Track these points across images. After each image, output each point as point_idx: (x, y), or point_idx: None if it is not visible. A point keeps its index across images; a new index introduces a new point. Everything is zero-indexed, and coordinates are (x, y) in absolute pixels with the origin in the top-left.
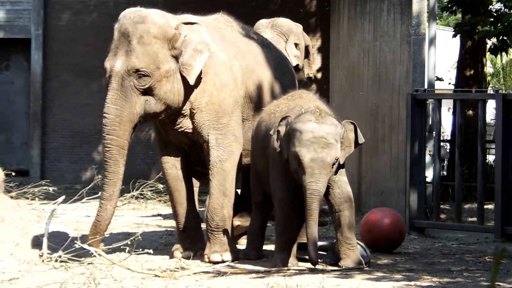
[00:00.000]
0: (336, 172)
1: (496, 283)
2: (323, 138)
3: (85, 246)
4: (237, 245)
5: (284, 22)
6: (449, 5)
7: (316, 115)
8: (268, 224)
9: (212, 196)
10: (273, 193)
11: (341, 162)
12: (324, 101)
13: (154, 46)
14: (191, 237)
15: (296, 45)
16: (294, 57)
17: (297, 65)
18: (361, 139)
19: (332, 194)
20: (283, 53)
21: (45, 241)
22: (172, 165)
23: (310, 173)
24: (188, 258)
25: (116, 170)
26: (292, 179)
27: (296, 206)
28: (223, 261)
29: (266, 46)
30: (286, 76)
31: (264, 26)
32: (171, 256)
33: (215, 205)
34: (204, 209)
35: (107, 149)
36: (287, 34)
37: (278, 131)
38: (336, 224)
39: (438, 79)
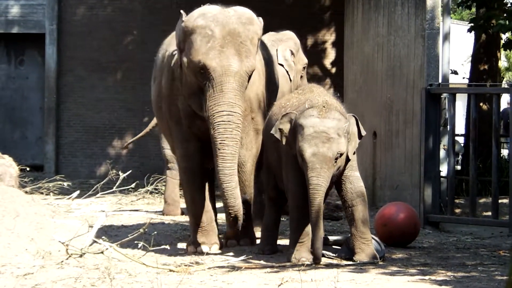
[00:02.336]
0: (345, 167)
1: None
2: (324, 133)
3: (101, 241)
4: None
5: (289, 33)
6: (464, 0)
7: (320, 109)
8: (283, 219)
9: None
10: (286, 188)
11: (350, 157)
12: (336, 95)
13: (256, 47)
14: (205, 231)
15: (292, 53)
16: (284, 59)
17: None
18: (363, 132)
19: (345, 190)
20: (271, 52)
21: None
22: (190, 158)
23: (311, 167)
24: (202, 252)
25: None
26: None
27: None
28: (239, 244)
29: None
30: (273, 73)
31: (270, 35)
32: (186, 251)
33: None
34: None
35: (233, 146)
36: (285, 41)
37: (281, 129)
38: (350, 219)
39: (453, 72)
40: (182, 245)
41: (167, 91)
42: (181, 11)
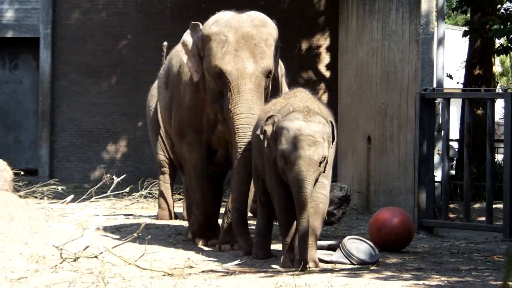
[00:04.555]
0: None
1: (510, 283)
2: (310, 136)
3: (95, 245)
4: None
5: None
6: (459, 5)
7: (304, 113)
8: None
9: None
10: (270, 193)
11: (329, 162)
12: (317, 98)
13: (273, 49)
14: (212, 225)
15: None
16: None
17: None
18: (335, 137)
19: None
20: None
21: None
22: (202, 158)
23: (297, 170)
24: (213, 245)
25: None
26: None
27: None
28: (233, 249)
29: None
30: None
31: None
32: (194, 243)
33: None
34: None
35: (244, 148)
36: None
37: (265, 131)
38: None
39: (448, 75)
40: (176, 249)
41: (191, 102)
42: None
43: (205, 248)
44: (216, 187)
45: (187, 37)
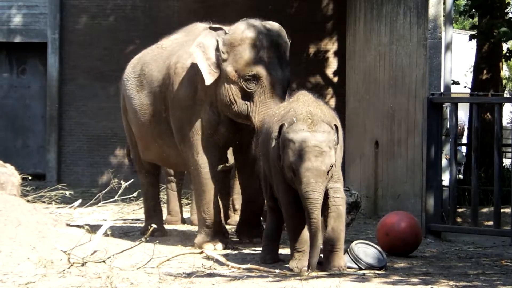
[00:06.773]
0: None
1: None
2: (317, 147)
3: (103, 249)
4: None
5: None
6: (467, 9)
7: (308, 122)
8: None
9: None
10: (278, 198)
11: (337, 166)
12: (324, 103)
13: None
14: (219, 230)
15: None
16: None
17: None
18: (341, 140)
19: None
20: None
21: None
22: (211, 165)
23: (306, 182)
24: (222, 249)
25: None
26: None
27: (302, 209)
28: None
29: None
30: None
31: None
32: (201, 249)
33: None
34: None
35: None
36: None
37: (273, 139)
38: (323, 228)
39: (454, 82)
40: (184, 256)
41: (189, 102)
42: (209, 26)
43: (213, 253)
44: (222, 188)
45: (204, 39)
